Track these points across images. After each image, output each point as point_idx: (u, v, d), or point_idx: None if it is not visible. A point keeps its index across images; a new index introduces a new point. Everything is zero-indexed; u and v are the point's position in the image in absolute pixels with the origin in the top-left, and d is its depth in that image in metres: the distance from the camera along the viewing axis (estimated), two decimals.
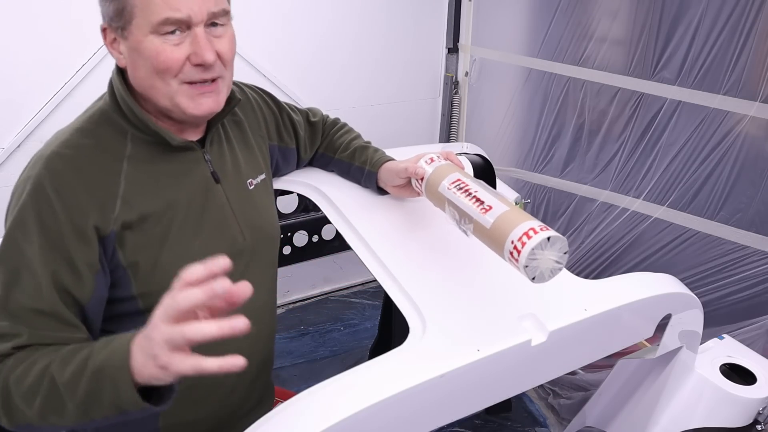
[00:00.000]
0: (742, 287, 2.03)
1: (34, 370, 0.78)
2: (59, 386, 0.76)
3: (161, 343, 0.67)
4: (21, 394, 0.78)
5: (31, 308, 0.83)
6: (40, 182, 0.84)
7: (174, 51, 0.85)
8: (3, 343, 0.82)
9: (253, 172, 1.09)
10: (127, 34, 0.86)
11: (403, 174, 1.16)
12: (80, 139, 0.89)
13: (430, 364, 0.87)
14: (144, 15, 0.83)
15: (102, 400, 0.74)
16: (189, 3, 0.83)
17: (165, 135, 0.92)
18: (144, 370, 0.70)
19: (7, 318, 0.83)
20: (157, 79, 0.87)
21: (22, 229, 0.83)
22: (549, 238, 0.85)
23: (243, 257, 1.02)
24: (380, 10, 2.71)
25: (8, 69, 2.05)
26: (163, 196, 0.92)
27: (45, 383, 0.77)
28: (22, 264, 0.83)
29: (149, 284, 0.91)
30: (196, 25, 0.85)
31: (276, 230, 1.14)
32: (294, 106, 1.28)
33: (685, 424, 1.33)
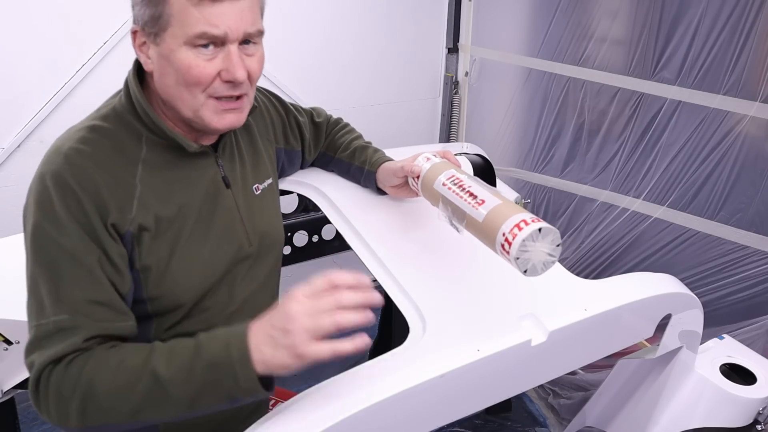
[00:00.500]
0: (742, 287, 2.03)
1: (126, 367, 0.78)
2: (164, 381, 0.76)
3: (303, 334, 0.72)
4: (112, 393, 0.78)
5: (86, 299, 0.82)
6: (62, 176, 0.83)
7: (206, 66, 0.85)
8: (71, 337, 0.81)
9: (261, 177, 1.09)
10: (159, 41, 0.85)
11: (400, 173, 1.16)
12: (98, 137, 0.88)
13: (430, 364, 0.88)
14: (180, 26, 0.82)
15: (216, 392, 0.77)
16: (227, 20, 0.83)
17: (181, 141, 0.91)
18: (272, 360, 0.74)
19: (64, 311, 0.81)
20: (185, 90, 0.86)
21: (53, 223, 0.82)
22: (540, 229, 0.84)
23: (248, 261, 1.02)
24: (380, 10, 2.71)
25: (8, 69, 2.05)
26: (175, 201, 0.92)
27: (145, 379, 0.77)
28: (63, 257, 0.82)
29: (158, 288, 0.91)
30: (231, 42, 0.85)
31: (281, 234, 1.14)
32: (299, 106, 1.27)
33: (685, 424, 1.33)
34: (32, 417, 2.12)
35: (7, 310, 1.24)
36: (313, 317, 0.73)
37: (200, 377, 0.76)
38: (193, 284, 0.94)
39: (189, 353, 0.78)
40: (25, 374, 1.37)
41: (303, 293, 0.76)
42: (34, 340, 0.82)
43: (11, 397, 1.49)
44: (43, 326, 0.82)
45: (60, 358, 0.80)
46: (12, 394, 1.44)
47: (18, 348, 1.31)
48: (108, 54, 2.16)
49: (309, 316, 0.74)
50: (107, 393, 0.78)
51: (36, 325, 0.82)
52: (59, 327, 0.81)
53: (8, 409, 1.53)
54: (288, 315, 0.74)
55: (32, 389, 0.82)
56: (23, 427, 1.88)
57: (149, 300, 0.91)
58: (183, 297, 0.93)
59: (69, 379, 0.79)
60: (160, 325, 0.94)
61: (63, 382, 0.79)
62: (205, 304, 0.96)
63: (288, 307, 0.75)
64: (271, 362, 0.75)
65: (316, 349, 0.73)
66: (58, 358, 0.80)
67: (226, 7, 0.82)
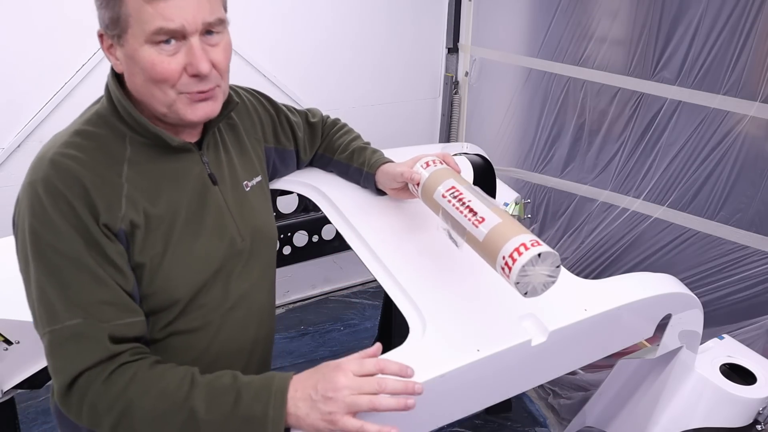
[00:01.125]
0: (742, 287, 2.03)
1: (166, 397, 0.82)
2: (200, 421, 0.80)
3: (343, 407, 0.78)
4: (149, 419, 0.81)
5: (95, 301, 0.84)
6: (52, 183, 0.84)
7: (170, 62, 0.84)
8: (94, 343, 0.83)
9: (249, 175, 1.09)
10: (123, 42, 0.86)
11: (399, 178, 1.17)
12: (82, 141, 0.88)
13: (430, 364, 0.87)
14: (138, 24, 0.83)
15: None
16: (182, 13, 0.82)
17: (164, 136, 0.92)
18: (305, 420, 0.79)
19: (77, 315, 0.83)
20: (155, 87, 0.87)
21: (49, 229, 0.83)
22: (540, 254, 0.84)
23: (241, 258, 1.02)
24: (380, 11, 2.71)
25: (8, 69, 2.05)
26: (163, 198, 0.92)
27: (183, 416, 0.81)
28: (64, 262, 0.83)
29: (151, 285, 0.91)
30: (191, 34, 0.84)
31: (273, 231, 1.14)
32: (292, 107, 1.27)
33: (685, 424, 1.33)
34: (32, 417, 2.12)
35: (7, 310, 1.24)
36: (356, 395, 0.79)
37: (235, 427, 0.80)
38: (187, 280, 0.94)
39: (229, 401, 0.81)
40: (25, 374, 1.37)
41: (352, 369, 0.80)
42: (53, 346, 0.84)
43: (11, 397, 1.49)
44: (57, 331, 0.83)
45: (91, 366, 0.82)
46: (12, 394, 1.44)
47: (18, 348, 1.31)
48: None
49: (352, 392, 0.79)
50: (144, 419, 0.82)
51: (50, 330, 0.84)
52: (75, 332, 0.83)
53: (8, 409, 1.53)
54: (334, 385, 0.79)
55: (62, 394, 0.84)
56: (23, 427, 1.88)
57: (143, 297, 0.91)
58: (177, 293, 0.93)
59: (108, 396, 0.82)
60: (156, 322, 0.94)
61: (101, 397, 0.82)
62: (201, 300, 0.96)
63: (336, 378, 0.79)
64: (303, 421, 0.79)
65: (348, 422, 0.78)
66: (90, 367, 0.82)
67: (178, 2, 0.82)
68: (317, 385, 0.80)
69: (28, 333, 1.28)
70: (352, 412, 0.78)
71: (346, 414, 0.78)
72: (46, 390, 1.58)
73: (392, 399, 0.79)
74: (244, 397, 0.81)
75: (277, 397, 0.80)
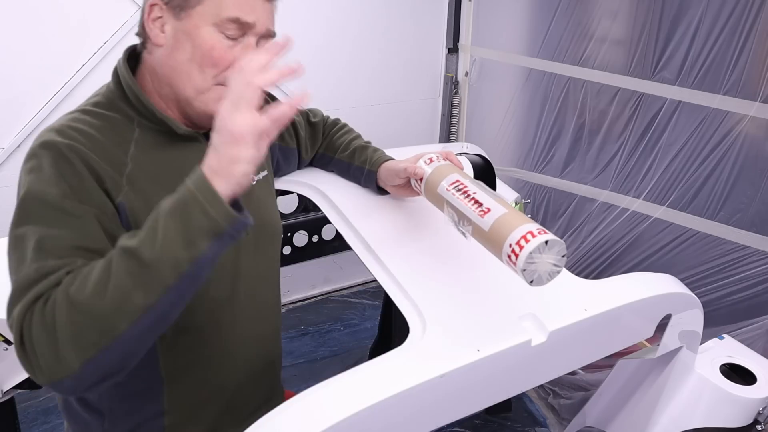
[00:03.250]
0: (742, 287, 2.03)
1: (94, 268, 0.73)
2: (133, 250, 0.71)
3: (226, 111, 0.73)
4: (90, 295, 0.71)
5: (76, 246, 0.77)
6: (55, 145, 0.82)
7: (228, 51, 0.87)
8: (53, 275, 0.74)
9: (255, 168, 1.09)
10: (183, 16, 0.86)
11: (402, 174, 1.17)
12: (90, 119, 0.88)
13: (430, 364, 0.87)
14: (214, 5, 0.85)
15: (194, 237, 0.71)
16: (259, 12, 0.88)
17: (171, 123, 0.92)
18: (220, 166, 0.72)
19: (49, 257, 0.75)
20: (196, 68, 0.88)
21: (43, 184, 0.80)
22: (547, 241, 0.85)
23: (247, 252, 1.03)
24: (380, 11, 2.71)
25: (8, 69, 2.05)
26: (167, 184, 0.92)
27: (115, 261, 0.71)
28: (50, 212, 0.78)
29: None
30: (254, 35, 0.89)
31: (278, 226, 1.14)
32: None
33: (685, 424, 1.33)
34: (32, 417, 2.12)
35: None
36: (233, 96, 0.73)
37: (168, 228, 0.71)
38: None
39: (150, 218, 0.74)
40: (25, 374, 1.37)
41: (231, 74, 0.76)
42: (14, 294, 0.75)
43: (11, 397, 1.49)
44: (22, 278, 0.75)
45: (39, 296, 0.73)
46: (12, 394, 1.44)
47: None
48: (108, 54, 2.16)
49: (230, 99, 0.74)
50: (85, 298, 0.71)
51: (15, 279, 0.76)
52: (41, 272, 0.74)
53: (8, 409, 1.53)
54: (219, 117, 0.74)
55: (18, 346, 0.73)
56: (23, 427, 1.88)
57: None
58: None
59: (48, 311, 0.72)
60: None
61: (44, 316, 0.71)
62: (210, 294, 0.96)
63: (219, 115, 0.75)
64: (222, 170, 0.72)
65: (239, 119, 0.72)
66: (38, 296, 0.73)
67: (260, 3, 0.88)
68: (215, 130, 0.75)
69: None
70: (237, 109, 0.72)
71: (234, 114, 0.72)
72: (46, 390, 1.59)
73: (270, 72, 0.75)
74: (161, 204, 0.74)
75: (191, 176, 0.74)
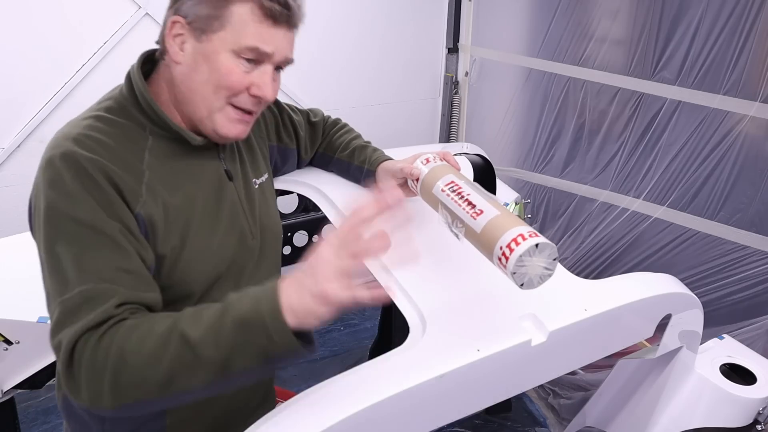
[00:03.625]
0: (742, 287, 2.03)
1: (154, 332, 0.75)
2: (193, 343, 0.73)
3: (327, 272, 0.71)
4: (142, 360, 0.74)
5: (113, 267, 0.79)
6: (74, 156, 0.82)
7: (243, 77, 0.89)
8: (102, 305, 0.77)
9: (257, 173, 1.10)
10: (204, 39, 0.88)
11: (399, 174, 1.17)
12: (104, 126, 0.88)
13: (430, 364, 0.87)
14: (235, 34, 0.87)
15: (249, 351, 0.73)
16: (278, 43, 0.90)
17: (185, 134, 0.93)
18: (300, 306, 0.72)
19: (90, 280, 0.78)
20: (211, 90, 0.89)
21: (68, 199, 0.80)
22: (537, 245, 0.84)
23: (252, 255, 1.03)
24: (380, 11, 2.71)
25: (8, 69, 2.05)
26: (181, 191, 0.93)
27: (174, 343, 0.74)
28: (82, 230, 0.79)
29: (170, 278, 0.91)
30: (271, 63, 0.91)
31: (279, 229, 1.15)
32: (294, 106, 1.28)
33: (685, 424, 1.33)
34: (32, 417, 2.12)
35: (7, 310, 1.24)
36: (338, 254, 0.72)
37: (230, 335, 0.73)
38: (204, 273, 0.94)
39: (217, 313, 0.75)
40: (25, 374, 1.37)
41: (330, 238, 0.75)
42: (61, 317, 0.77)
43: (11, 397, 1.49)
44: (67, 301, 0.77)
45: (92, 327, 0.76)
46: (12, 394, 1.44)
47: (18, 348, 1.31)
48: (108, 54, 2.17)
49: (334, 253, 0.73)
50: (137, 361, 0.74)
51: (60, 301, 0.78)
52: (86, 297, 0.77)
53: (8, 409, 1.53)
54: (317, 254, 0.74)
55: (64, 368, 0.77)
56: (23, 427, 1.88)
57: (160, 289, 0.90)
58: (194, 286, 0.93)
59: (102, 351, 0.75)
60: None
61: (96, 354, 0.75)
62: (214, 295, 0.96)
63: (318, 250, 0.74)
64: (298, 309, 0.72)
65: (337, 288, 0.71)
66: (90, 327, 0.76)
67: (281, 33, 0.90)
68: (303, 266, 0.74)
69: (28, 333, 1.29)
70: (341, 275, 0.72)
71: (333, 279, 0.71)
72: (46, 390, 1.59)
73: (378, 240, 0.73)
74: (233, 304, 0.75)
75: (267, 292, 0.74)
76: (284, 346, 0.72)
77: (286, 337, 0.72)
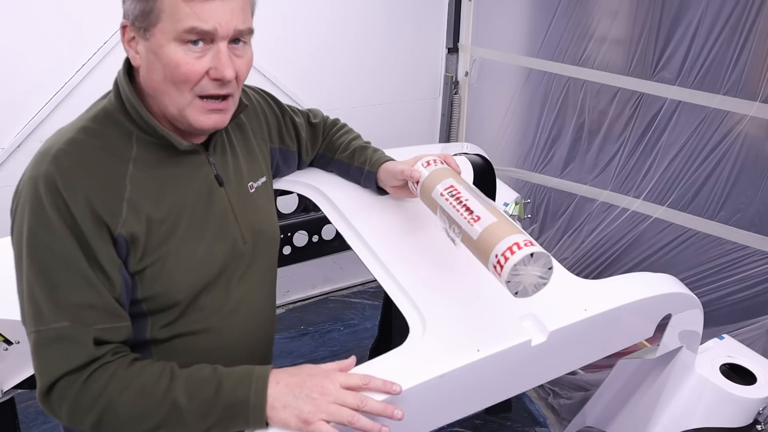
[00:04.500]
0: (742, 287, 2.03)
1: (147, 393, 0.82)
2: (183, 411, 0.81)
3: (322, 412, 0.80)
4: (131, 416, 0.82)
5: (83, 304, 0.84)
6: (52, 180, 0.83)
7: (195, 64, 0.85)
8: (79, 347, 0.83)
9: (255, 176, 1.09)
10: (149, 36, 0.85)
11: (400, 176, 1.17)
12: (86, 138, 0.88)
13: (430, 364, 0.88)
14: (171, 21, 0.83)
15: (227, 426, 0.83)
16: (217, 16, 0.83)
17: (172, 139, 0.92)
18: (282, 412, 0.81)
19: (64, 317, 0.83)
20: (172, 86, 0.87)
21: (46, 228, 0.83)
22: (532, 254, 0.84)
23: (243, 260, 1.02)
24: (380, 11, 2.71)
25: (8, 69, 2.05)
26: (167, 201, 0.92)
27: (165, 408, 0.81)
28: (56, 263, 0.83)
29: (153, 288, 0.91)
30: (221, 39, 0.85)
31: (276, 232, 1.14)
32: (295, 107, 1.28)
33: (685, 424, 1.33)
34: (32, 417, 2.12)
35: (7, 310, 1.24)
36: (338, 405, 0.80)
37: (217, 413, 0.82)
38: (189, 283, 0.94)
39: (210, 390, 0.82)
40: (25, 374, 1.37)
41: (339, 380, 0.83)
42: (38, 346, 0.84)
43: (11, 397, 1.49)
44: (42, 332, 0.83)
45: (74, 369, 0.82)
46: (12, 394, 1.44)
47: (18, 348, 1.31)
48: (108, 54, 2.16)
49: (335, 401, 0.81)
50: (126, 416, 0.82)
51: (35, 331, 0.84)
52: (60, 335, 0.82)
53: (8, 409, 1.53)
54: (322, 389, 0.81)
55: (43, 395, 0.84)
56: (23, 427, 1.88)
57: (144, 300, 0.91)
58: (178, 295, 0.93)
59: (89, 395, 0.82)
60: (156, 323, 0.94)
61: (82, 397, 0.82)
62: (201, 302, 0.96)
63: (323, 383, 0.82)
64: (278, 413, 0.81)
65: (323, 428, 0.79)
66: (72, 370, 0.82)
67: (217, 4, 0.83)
68: (303, 383, 0.82)
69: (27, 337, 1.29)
70: (329, 420, 0.80)
71: (322, 420, 0.79)
72: None
73: (369, 421, 0.80)
74: (225, 384, 0.82)
75: (258, 384, 0.82)
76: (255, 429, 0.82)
77: (260, 426, 0.82)
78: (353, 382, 0.83)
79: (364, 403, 0.80)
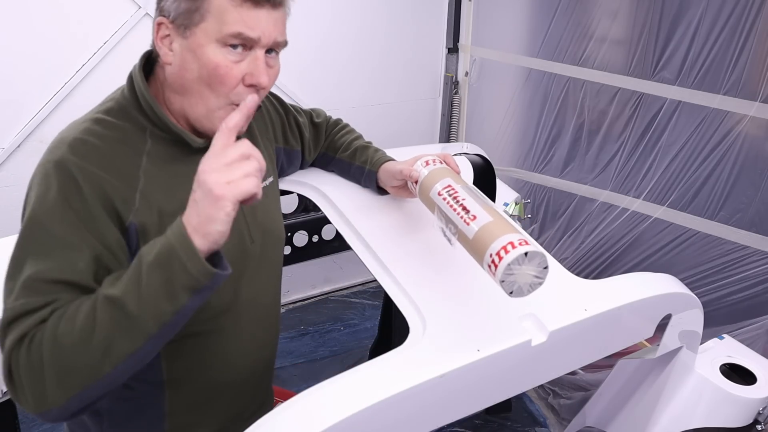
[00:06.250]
0: (742, 287, 2.03)
1: (80, 311, 0.75)
2: (118, 300, 0.74)
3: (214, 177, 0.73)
4: (77, 339, 0.74)
5: (57, 280, 0.79)
6: (66, 165, 0.82)
7: (233, 68, 0.86)
8: (37, 313, 0.77)
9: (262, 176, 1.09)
10: (188, 34, 0.86)
11: (399, 176, 1.17)
12: (102, 129, 0.88)
13: (430, 364, 0.88)
14: (216, 22, 0.84)
15: (173, 291, 0.74)
16: (262, 25, 0.85)
17: (186, 136, 0.92)
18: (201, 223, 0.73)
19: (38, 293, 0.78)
20: (206, 87, 0.87)
21: (49, 210, 0.81)
22: (527, 253, 0.83)
23: (251, 259, 1.02)
24: (380, 11, 2.71)
25: (8, 69, 2.05)
26: (179, 196, 0.91)
27: (100, 308, 0.74)
28: (51, 244, 0.80)
29: None
30: (260, 47, 0.87)
31: (282, 232, 1.14)
32: (298, 107, 1.28)
33: (685, 424, 1.33)
34: (32, 417, 2.11)
35: None
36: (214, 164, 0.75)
37: (151, 281, 0.74)
38: None
39: (133, 265, 0.76)
40: None
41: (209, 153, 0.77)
42: (4, 323, 0.79)
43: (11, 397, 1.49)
44: (9, 309, 0.79)
45: (25, 334, 0.77)
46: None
47: None
48: (108, 54, 2.17)
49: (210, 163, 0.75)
50: (71, 340, 0.74)
51: (5, 308, 0.80)
52: (26, 309, 0.78)
53: (8, 409, 1.53)
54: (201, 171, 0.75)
55: (6, 377, 0.78)
56: (23, 427, 1.88)
57: None
58: None
59: (35, 347, 0.75)
60: None
61: (30, 354, 0.76)
62: (212, 303, 0.96)
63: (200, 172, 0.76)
64: (201, 228, 0.74)
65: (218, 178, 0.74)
66: (23, 335, 0.77)
67: (264, 14, 0.86)
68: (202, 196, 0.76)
69: None
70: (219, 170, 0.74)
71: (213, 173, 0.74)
72: None
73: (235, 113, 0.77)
74: (144, 252, 0.76)
75: (172, 228, 0.76)
76: (200, 272, 0.74)
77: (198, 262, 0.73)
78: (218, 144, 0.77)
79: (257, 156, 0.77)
